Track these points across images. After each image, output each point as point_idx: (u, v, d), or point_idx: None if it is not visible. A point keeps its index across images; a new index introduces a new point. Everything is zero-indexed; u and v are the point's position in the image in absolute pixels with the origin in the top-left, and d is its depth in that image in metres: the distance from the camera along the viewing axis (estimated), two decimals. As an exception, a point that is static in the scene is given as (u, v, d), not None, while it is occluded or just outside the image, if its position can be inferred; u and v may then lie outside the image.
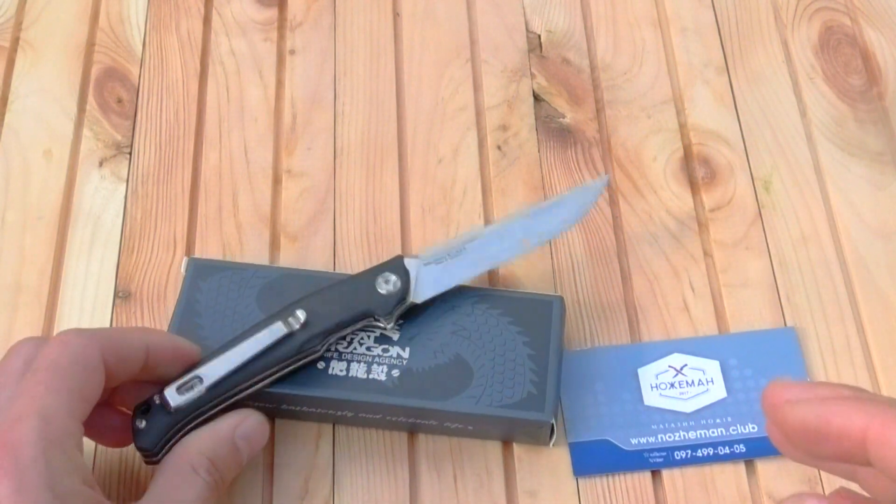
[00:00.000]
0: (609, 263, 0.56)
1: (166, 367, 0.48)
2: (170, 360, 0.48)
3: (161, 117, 0.62)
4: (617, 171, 0.59)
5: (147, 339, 0.47)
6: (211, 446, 0.46)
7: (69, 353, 0.44)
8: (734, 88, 0.62)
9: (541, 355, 0.50)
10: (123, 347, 0.46)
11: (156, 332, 0.51)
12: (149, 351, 0.47)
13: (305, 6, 0.66)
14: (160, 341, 0.48)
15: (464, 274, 0.52)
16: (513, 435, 0.51)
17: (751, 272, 0.56)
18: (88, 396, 0.44)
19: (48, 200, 0.59)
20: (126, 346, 0.46)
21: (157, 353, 0.47)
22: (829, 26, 0.64)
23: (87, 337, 0.45)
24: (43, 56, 0.64)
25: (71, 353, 0.44)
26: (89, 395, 0.44)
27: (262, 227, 0.58)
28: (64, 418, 0.42)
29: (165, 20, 0.65)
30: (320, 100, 0.62)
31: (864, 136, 0.60)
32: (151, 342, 0.47)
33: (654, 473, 0.50)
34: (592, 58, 0.63)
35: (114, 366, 0.45)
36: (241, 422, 0.47)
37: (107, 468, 0.51)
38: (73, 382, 0.43)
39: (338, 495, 0.50)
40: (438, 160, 0.60)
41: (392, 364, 0.50)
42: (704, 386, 0.52)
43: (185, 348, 0.49)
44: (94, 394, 0.44)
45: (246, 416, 0.48)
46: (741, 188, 0.58)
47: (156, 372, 0.47)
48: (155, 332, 0.51)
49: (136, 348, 0.46)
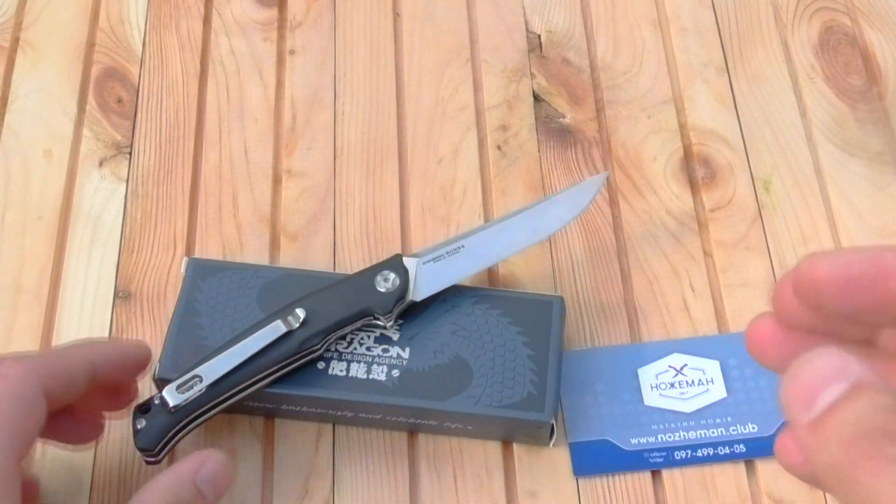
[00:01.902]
0: (609, 263, 0.56)
1: (117, 376, 0.47)
2: (118, 369, 0.47)
3: (161, 117, 0.62)
4: (617, 171, 0.59)
5: (90, 355, 0.45)
6: (174, 490, 0.43)
7: (6, 389, 0.41)
8: (734, 88, 0.62)
9: (541, 355, 0.50)
10: (65, 371, 0.44)
11: (99, 345, 0.50)
12: (94, 366, 0.45)
13: (305, 6, 0.66)
14: (105, 353, 0.46)
15: (463, 271, 0.52)
16: (513, 435, 0.51)
17: (751, 272, 0.56)
18: (28, 431, 0.42)
19: (48, 200, 0.59)
20: (68, 368, 0.44)
21: (103, 366, 0.46)
22: (829, 26, 0.64)
23: (24, 368, 0.43)
24: (43, 56, 0.64)
25: (7, 389, 0.42)
26: (29, 429, 0.42)
27: (262, 227, 0.58)
28: (0, 462, 0.40)
29: (165, 20, 0.65)
30: (320, 100, 0.62)
31: (864, 136, 0.60)
32: (95, 357, 0.45)
33: (654, 473, 0.50)
34: (592, 58, 0.63)
35: (56, 391, 0.43)
36: (203, 464, 0.44)
37: (107, 468, 0.51)
38: (10, 420, 0.41)
39: (338, 495, 0.50)
40: (438, 160, 0.60)
41: (392, 364, 0.50)
42: (704, 386, 0.52)
43: (132, 354, 0.48)
44: (35, 427, 0.42)
45: (208, 458, 0.45)
46: (741, 188, 0.58)
47: (107, 382, 0.46)
48: (98, 346, 0.49)
49: (80, 368, 0.45)
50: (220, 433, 0.51)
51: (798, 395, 0.27)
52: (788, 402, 0.27)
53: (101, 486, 0.50)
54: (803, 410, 0.27)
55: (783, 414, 0.27)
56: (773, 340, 0.33)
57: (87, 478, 0.50)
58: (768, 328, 0.33)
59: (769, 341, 0.33)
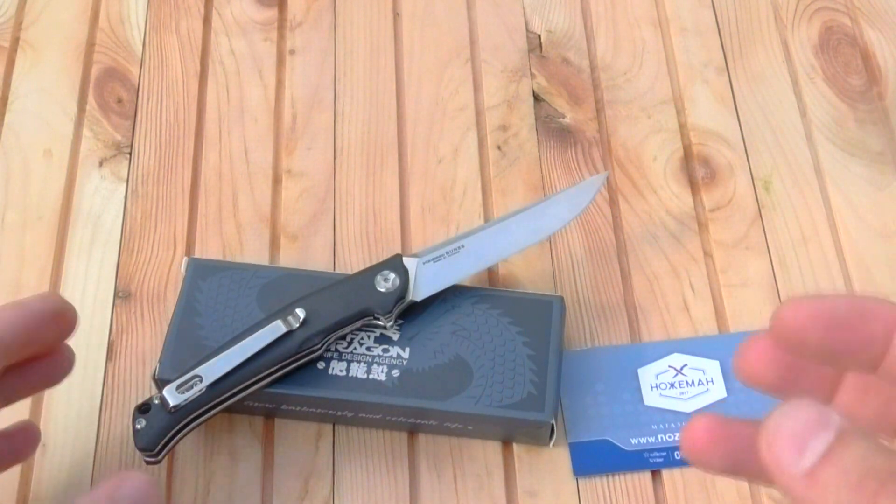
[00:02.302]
0: (609, 263, 0.56)
1: (35, 341, 0.44)
2: (29, 334, 0.44)
3: (161, 117, 0.62)
4: (617, 171, 0.59)
5: None
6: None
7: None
8: (734, 88, 0.62)
9: (541, 355, 0.50)
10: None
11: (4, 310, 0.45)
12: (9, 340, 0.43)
13: (305, 6, 0.66)
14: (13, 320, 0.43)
15: (463, 271, 0.52)
16: (513, 435, 0.51)
17: (751, 272, 0.56)
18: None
19: (48, 200, 0.59)
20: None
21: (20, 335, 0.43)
22: (829, 26, 0.64)
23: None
24: (43, 56, 0.64)
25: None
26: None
27: (262, 227, 0.58)
28: None
29: (165, 20, 0.65)
30: (320, 100, 0.62)
31: (864, 136, 0.60)
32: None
33: (654, 473, 0.50)
34: (592, 58, 0.63)
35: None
36: (122, 483, 0.41)
37: (107, 468, 0.51)
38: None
39: (338, 495, 0.50)
40: (438, 160, 0.60)
41: (392, 364, 0.50)
42: (704, 386, 0.52)
43: (39, 311, 0.44)
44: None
45: (126, 478, 0.42)
46: (741, 188, 0.58)
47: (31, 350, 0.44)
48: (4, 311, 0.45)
49: None
50: (220, 433, 0.51)
51: (786, 446, 0.27)
52: (777, 455, 0.27)
53: (101, 486, 0.50)
54: (795, 461, 0.27)
55: (766, 468, 0.27)
56: None
57: (87, 478, 0.50)
58: None
59: None
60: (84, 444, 0.51)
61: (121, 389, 0.53)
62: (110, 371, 0.53)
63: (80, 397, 0.53)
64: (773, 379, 0.33)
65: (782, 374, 0.32)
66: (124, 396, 0.53)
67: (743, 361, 0.33)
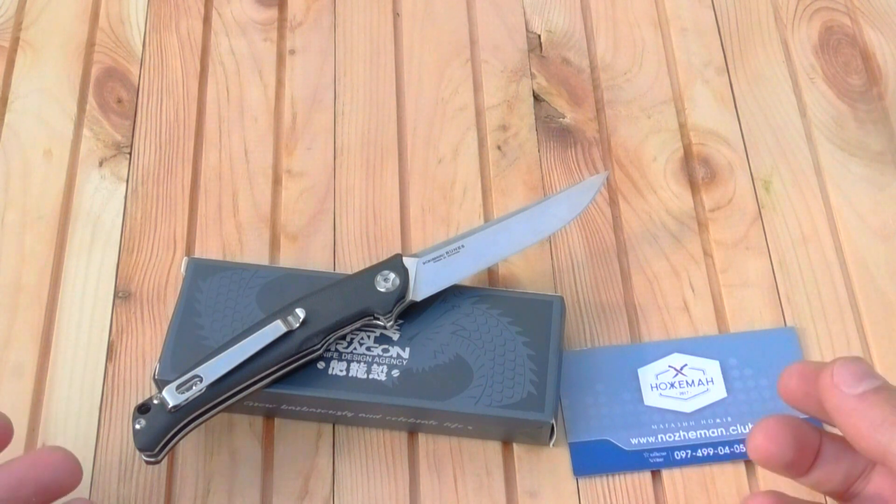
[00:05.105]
0: (609, 263, 0.56)
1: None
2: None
3: (161, 117, 0.62)
4: (617, 171, 0.59)
5: None
6: None
7: None
8: (734, 88, 0.62)
9: (541, 355, 0.50)
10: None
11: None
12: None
13: (305, 6, 0.66)
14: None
15: (462, 271, 0.52)
16: (513, 435, 0.51)
17: (751, 272, 0.56)
18: None
19: (48, 200, 0.59)
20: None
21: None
22: (829, 26, 0.64)
23: None
24: (43, 56, 0.64)
25: None
26: None
27: (262, 227, 0.58)
28: None
29: (165, 20, 0.65)
30: (320, 100, 0.62)
31: (864, 136, 0.60)
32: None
33: (654, 473, 0.50)
34: (592, 58, 0.64)
35: None
36: (38, 459, 0.43)
37: (107, 468, 0.51)
38: None
39: (338, 495, 0.50)
40: (438, 160, 0.60)
41: (392, 364, 0.50)
42: (704, 386, 0.52)
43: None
44: None
45: (42, 453, 0.43)
46: (741, 188, 0.58)
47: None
48: None
49: None
50: (220, 433, 0.51)
51: (847, 377, 0.40)
52: (839, 381, 0.40)
53: (102, 486, 0.50)
54: (853, 386, 0.40)
55: (824, 394, 0.41)
56: None
57: (87, 478, 0.50)
58: None
59: None
60: (84, 444, 0.51)
61: (121, 389, 0.53)
62: (110, 371, 0.53)
63: (80, 397, 0.53)
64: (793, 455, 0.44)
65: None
66: (124, 396, 0.53)
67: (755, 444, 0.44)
